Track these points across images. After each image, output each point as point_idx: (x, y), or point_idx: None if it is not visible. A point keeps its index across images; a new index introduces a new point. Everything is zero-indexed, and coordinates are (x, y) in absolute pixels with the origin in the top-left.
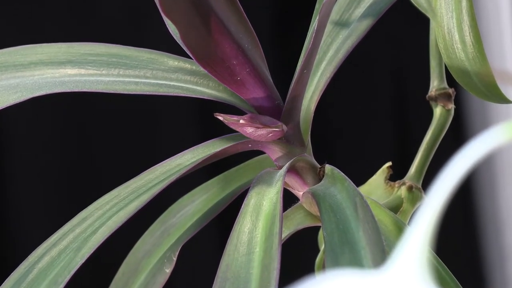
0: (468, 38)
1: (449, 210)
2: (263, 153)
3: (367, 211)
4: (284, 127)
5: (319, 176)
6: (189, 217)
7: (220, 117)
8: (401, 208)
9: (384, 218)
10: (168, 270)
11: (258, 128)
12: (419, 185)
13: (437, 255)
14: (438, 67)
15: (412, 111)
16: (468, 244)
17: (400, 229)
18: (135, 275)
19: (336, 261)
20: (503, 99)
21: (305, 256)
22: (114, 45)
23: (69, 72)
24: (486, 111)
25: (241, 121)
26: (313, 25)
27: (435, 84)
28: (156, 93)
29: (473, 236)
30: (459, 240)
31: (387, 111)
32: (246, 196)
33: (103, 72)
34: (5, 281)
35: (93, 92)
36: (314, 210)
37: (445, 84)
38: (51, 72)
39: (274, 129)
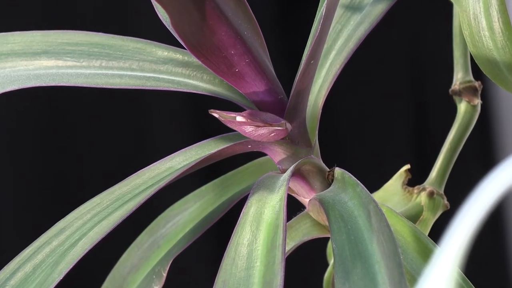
0: (497, 25)
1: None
2: (264, 155)
3: (382, 221)
4: (288, 126)
5: (327, 181)
6: (180, 228)
7: (216, 114)
8: (421, 217)
9: (401, 229)
10: (157, 287)
11: (259, 126)
12: (441, 191)
13: (465, 275)
14: (462, 57)
15: (433, 107)
16: (497, 264)
17: (419, 240)
18: None
19: (347, 277)
20: None
21: (312, 271)
22: (95, 33)
23: (45, 64)
24: None
25: (239, 119)
26: (321, 9)
27: (459, 76)
28: (144, 87)
29: (503, 256)
30: (488, 259)
31: (404, 107)
32: (245, 203)
33: (83, 63)
34: None
35: (72, 87)
36: (322, 219)
37: (471, 77)
38: (25, 64)
39: (276, 127)
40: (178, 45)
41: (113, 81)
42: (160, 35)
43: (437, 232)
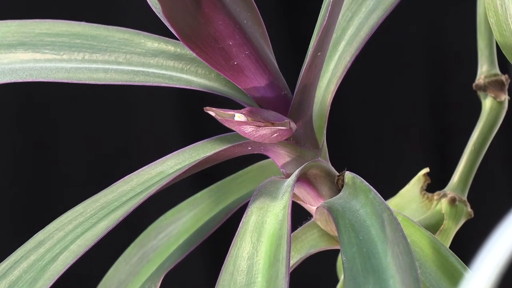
0: None
1: None
2: (266, 157)
3: (397, 230)
4: (293, 125)
5: (337, 187)
6: (173, 239)
7: (212, 112)
8: (442, 227)
9: (419, 239)
10: None
11: (260, 126)
12: (464, 197)
13: None
14: (487, 48)
15: (454, 103)
16: None
17: (439, 253)
18: None
19: None
20: None
21: (319, 287)
22: (77, 23)
23: (21, 57)
24: None
25: (238, 117)
26: None
27: (484, 69)
28: (131, 83)
29: None
30: None
31: (422, 104)
32: (245, 212)
33: (64, 57)
34: None
35: (51, 82)
36: (331, 229)
37: (497, 70)
38: None
39: (279, 127)
40: (170, 35)
41: (97, 76)
42: (150, 25)
43: (460, 243)
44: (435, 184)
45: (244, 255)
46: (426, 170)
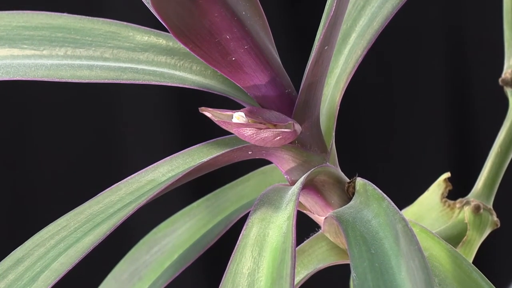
0: None
1: None
2: (269, 162)
3: (412, 243)
4: (297, 127)
5: (347, 195)
6: (167, 254)
7: (207, 112)
8: (464, 238)
9: (438, 253)
10: None
11: (261, 128)
12: (490, 205)
13: None
14: None
15: (478, 101)
16: None
17: (460, 268)
18: None
19: None
20: None
21: None
22: (59, 14)
23: None
24: None
25: (237, 118)
26: None
27: None
28: (119, 81)
29: None
30: None
31: (442, 101)
32: (246, 223)
33: (44, 52)
34: None
35: (31, 81)
36: (341, 241)
37: None
38: None
39: (283, 129)
40: (161, 28)
41: (81, 74)
42: (139, 16)
43: (484, 256)
44: (457, 190)
45: (244, 272)
46: (447, 175)
